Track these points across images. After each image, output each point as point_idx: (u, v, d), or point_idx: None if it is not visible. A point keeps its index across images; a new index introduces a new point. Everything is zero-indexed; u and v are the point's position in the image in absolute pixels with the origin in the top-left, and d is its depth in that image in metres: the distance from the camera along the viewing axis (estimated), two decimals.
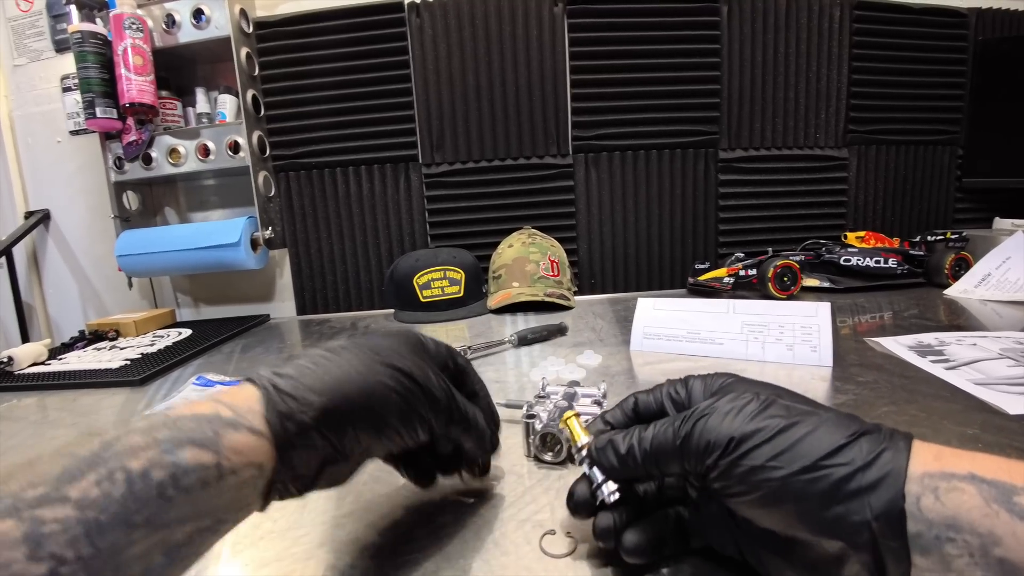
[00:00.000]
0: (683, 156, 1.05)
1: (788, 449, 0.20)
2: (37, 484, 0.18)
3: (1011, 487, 0.18)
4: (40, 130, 1.10)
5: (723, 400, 0.23)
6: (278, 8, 1.04)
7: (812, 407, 0.23)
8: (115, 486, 0.18)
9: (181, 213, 1.12)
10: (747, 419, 0.22)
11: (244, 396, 0.22)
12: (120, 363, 0.75)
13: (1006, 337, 0.60)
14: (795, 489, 0.20)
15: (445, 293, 0.90)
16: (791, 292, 0.85)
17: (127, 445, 0.19)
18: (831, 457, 0.20)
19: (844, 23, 1.04)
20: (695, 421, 0.23)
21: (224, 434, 0.20)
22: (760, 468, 0.21)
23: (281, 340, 0.89)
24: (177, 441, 0.20)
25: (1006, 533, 0.17)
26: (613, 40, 1.00)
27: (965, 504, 0.18)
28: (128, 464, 0.19)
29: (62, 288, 1.16)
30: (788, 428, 0.21)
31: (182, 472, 0.19)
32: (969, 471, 0.19)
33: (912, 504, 0.19)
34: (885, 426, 0.21)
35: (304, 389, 0.23)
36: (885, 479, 0.19)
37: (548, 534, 0.30)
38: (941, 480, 0.19)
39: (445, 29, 0.99)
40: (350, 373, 0.24)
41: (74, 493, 0.18)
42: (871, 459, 0.20)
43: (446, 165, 1.04)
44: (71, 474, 0.18)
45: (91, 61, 0.91)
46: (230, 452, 0.20)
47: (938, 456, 0.20)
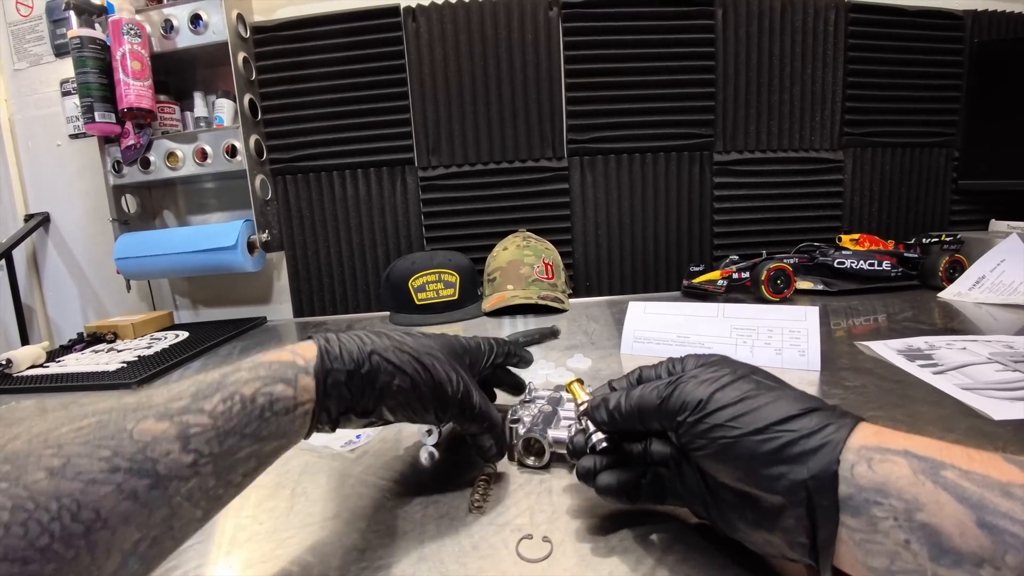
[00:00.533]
0: (678, 159, 1.05)
1: (746, 414, 0.24)
2: (178, 399, 0.24)
3: (940, 463, 0.20)
4: (40, 134, 1.11)
5: (702, 370, 0.27)
6: (275, 13, 1.05)
7: (780, 385, 0.26)
8: (234, 405, 0.25)
9: (179, 216, 1.13)
10: (717, 387, 0.25)
11: (309, 350, 0.29)
12: (117, 365, 0.75)
13: (996, 341, 0.60)
14: (747, 447, 0.23)
15: (440, 296, 0.91)
16: (784, 295, 0.85)
17: (240, 378, 0.26)
18: (782, 424, 0.23)
19: (839, 25, 1.04)
20: (675, 386, 0.26)
21: (299, 377, 0.28)
22: (720, 427, 0.24)
23: (279, 342, 0.90)
24: (273, 378, 0.27)
25: (929, 500, 0.20)
26: (608, 44, 1.01)
27: (894, 473, 0.20)
28: (242, 390, 0.26)
29: (61, 290, 1.17)
30: (750, 398, 0.24)
31: (275, 399, 0.26)
32: (904, 447, 0.21)
33: (846, 470, 0.21)
34: (840, 407, 0.24)
35: (344, 353, 0.30)
36: (824, 446, 0.22)
37: (525, 538, 0.30)
38: (876, 452, 0.21)
39: (441, 33, 1.00)
40: (380, 351, 0.31)
41: (207, 406, 0.25)
42: (816, 429, 0.22)
43: (442, 168, 1.05)
44: (203, 393, 0.25)
45: (90, 66, 0.92)
46: (301, 390, 0.27)
47: (878, 433, 0.22)
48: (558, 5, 1.00)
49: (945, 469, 0.20)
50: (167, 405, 0.24)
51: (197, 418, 0.24)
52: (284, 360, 0.28)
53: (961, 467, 0.20)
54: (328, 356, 0.29)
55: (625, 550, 0.29)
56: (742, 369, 0.27)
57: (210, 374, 0.27)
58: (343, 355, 0.29)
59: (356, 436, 0.45)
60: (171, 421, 0.23)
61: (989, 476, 0.19)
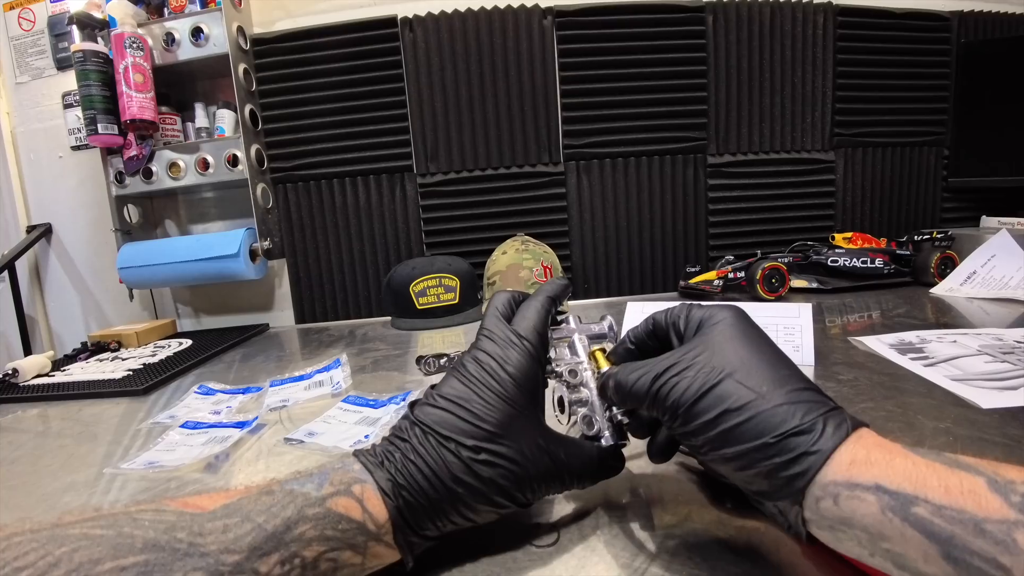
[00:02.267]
0: (672, 162, 1.07)
1: (722, 434, 0.24)
2: (233, 551, 0.22)
3: (912, 497, 0.20)
4: (42, 146, 1.13)
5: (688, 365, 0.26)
6: (275, 25, 1.06)
7: (764, 387, 0.25)
8: (293, 570, 0.23)
9: (181, 225, 1.14)
10: (697, 394, 0.25)
11: (379, 509, 0.26)
12: (123, 373, 0.76)
13: (986, 334, 0.61)
14: (726, 464, 0.25)
15: (441, 300, 0.92)
16: (779, 293, 0.86)
17: (303, 534, 0.24)
18: (758, 451, 0.23)
19: (828, 29, 1.06)
20: (660, 385, 0.27)
21: (370, 545, 0.25)
22: (700, 445, 0.26)
23: (280, 349, 0.91)
24: (340, 543, 0.24)
25: (894, 534, 0.20)
26: (601, 51, 1.02)
27: (860, 510, 0.21)
28: (304, 553, 0.23)
29: (64, 301, 1.18)
30: (728, 414, 0.24)
31: (340, 566, 0.25)
32: (876, 482, 0.21)
33: (811, 504, 0.22)
34: (826, 418, 0.23)
35: (421, 512, 0.27)
36: (794, 480, 0.23)
37: (533, 525, 0.31)
38: (844, 488, 0.21)
39: (438, 43, 1.02)
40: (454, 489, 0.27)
41: (263, 568, 0.22)
42: (789, 459, 0.23)
43: (440, 175, 1.06)
44: (261, 550, 0.22)
45: (93, 79, 0.93)
46: (372, 557, 0.26)
47: (852, 464, 0.22)
48: (552, 14, 1.02)
49: (916, 505, 0.20)
50: (219, 557, 0.22)
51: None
52: (354, 519, 0.25)
53: (935, 501, 0.19)
54: (404, 518, 0.26)
55: (629, 536, 0.30)
56: (731, 363, 0.26)
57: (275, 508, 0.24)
58: (417, 511, 0.26)
59: (364, 436, 0.47)
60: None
61: (964, 511, 0.19)
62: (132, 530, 0.21)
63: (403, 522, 0.26)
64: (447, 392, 0.28)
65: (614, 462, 0.32)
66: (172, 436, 0.51)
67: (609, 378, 0.30)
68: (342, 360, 0.69)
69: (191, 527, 0.22)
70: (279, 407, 0.57)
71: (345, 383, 0.62)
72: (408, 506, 0.26)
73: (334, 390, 0.60)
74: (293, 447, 0.47)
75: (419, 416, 0.28)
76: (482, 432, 0.27)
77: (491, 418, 0.27)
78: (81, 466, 0.48)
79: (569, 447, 0.30)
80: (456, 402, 0.28)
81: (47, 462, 0.50)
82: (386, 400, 0.54)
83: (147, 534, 0.21)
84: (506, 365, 0.29)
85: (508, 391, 0.28)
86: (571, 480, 0.30)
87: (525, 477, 0.28)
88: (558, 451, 0.29)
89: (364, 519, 0.25)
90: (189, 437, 0.51)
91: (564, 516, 0.32)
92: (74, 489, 0.44)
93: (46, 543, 0.20)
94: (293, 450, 0.46)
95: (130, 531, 0.21)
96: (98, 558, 0.20)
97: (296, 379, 0.65)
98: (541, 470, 0.28)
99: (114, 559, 0.20)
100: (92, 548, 0.20)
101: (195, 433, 0.51)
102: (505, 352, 0.29)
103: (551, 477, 0.29)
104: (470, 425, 0.27)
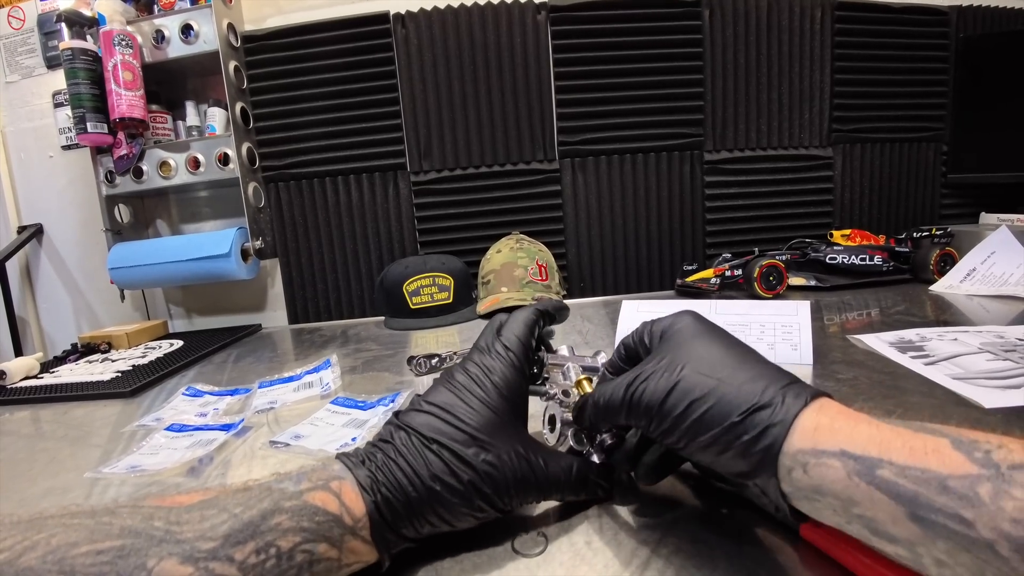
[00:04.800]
0: (668, 159, 1.06)
1: (693, 424, 0.25)
2: (209, 538, 0.22)
3: (876, 460, 0.20)
4: (32, 145, 1.11)
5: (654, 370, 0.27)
6: (266, 22, 1.05)
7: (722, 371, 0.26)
8: (268, 559, 0.23)
9: (172, 225, 1.13)
10: (664, 392, 0.26)
11: (356, 503, 0.26)
12: (112, 375, 0.75)
13: (987, 331, 0.60)
14: (705, 453, 0.25)
15: (435, 299, 0.91)
16: (777, 291, 0.85)
17: (279, 524, 0.24)
18: (727, 432, 0.24)
19: (825, 24, 1.05)
20: (631, 392, 0.27)
21: (347, 539, 0.25)
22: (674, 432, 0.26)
23: (273, 349, 0.90)
24: (315, 534, 0.24)
25: (863, 498, 0.20)
26: (596, 46, 1.01)
27: (828, 477, 0.21)
28: (279, 543, 0.23)
29: (55, 301, 1.17)
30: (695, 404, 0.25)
31: (316, 560, 0.24)
32: (841, 448, 0.21)
33: (785, 476, 0.23)
34: (784, 387, 0.24)
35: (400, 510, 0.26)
36: (764, 456, 0.23)
37: (521, 532, 0.30)
38: (811, 456, 0.22)
39: (430, 39, 1.01)
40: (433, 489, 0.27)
41: (238, 556, 0.22)
42: (756, 434, 0.23)
43: (434, 173, 1.05)
44: (236, 538, 0.23)
45: (82, 77, 0.92)
46: (348, 552, 0.25)
47: (816, 430, 0.22)
48: (546, 9, 1.01)
49: (881, 468, 0.20)
50: (195, 544, 0.22)
51: (224, 567, 0.22)
52: (330, 511, 0.25)
53: (898, 462, 0.20)
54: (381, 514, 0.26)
55: (620, 543, 0.29)
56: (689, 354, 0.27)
57: (251, 500, 0.24)
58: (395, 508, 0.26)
59: (352, 439, 0.45)
60: (196, 567, 0.21)
61: (928, 469, 0.19)
62: (110, 519, 0.22)
63: (380, 519, 0.26)
64: (434, 399, 0.30)
65: (600, 480, 0.32)
66: (156, 439, 0.50)
67: (586, 401, 0.31)
68: (332, 361, 0.68)
69: (168, 517, 0.23)
70: (266, 409, 0.56)
71: (335, 384, 0.61)
72: (386, 503, 0.26)
73: (323, 391, 0.59)
74: (279, 450, 0.46)
75: (404, 420, 0.29)
76: (465, 436, 0.28)
77: (474, 423, 0.28)
78: (62, 470, 0.47)
79: (549, 456, 0.30)
80: (442, 407, 0.29)
81: (29, 466, 0.49)
82: (375, 402, 0.53)
83: (124, 522, 0.22)
84: (491, 375, 0.30)
85: (492, 398, 0.29)
86: (549, 488, 0.30)
87: (504, 482, 0.28)
88: (538, 459, 0.29)
89: (341, 512, 0.25)
90: (173, 440, 0.49)
91: (552, 524, 0.31)
92: (53, 494, 0.43)
93: (25, 530, 0.21)
94: (278, 453, 0.45)
95: (108, 520, 0.22)
96: (75, 541, 0.20)
97: (285, 380, 0.64)
98: (520, 476, 0.28)
99: (91, 543, 0.21)
100: (69, 533, 0.21)
101: (180, 436, 0.50)
102: (491, 363, 0.31)
103: (529, 484, 0.29)
104: (454, 428, 0.28)
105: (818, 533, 0.26)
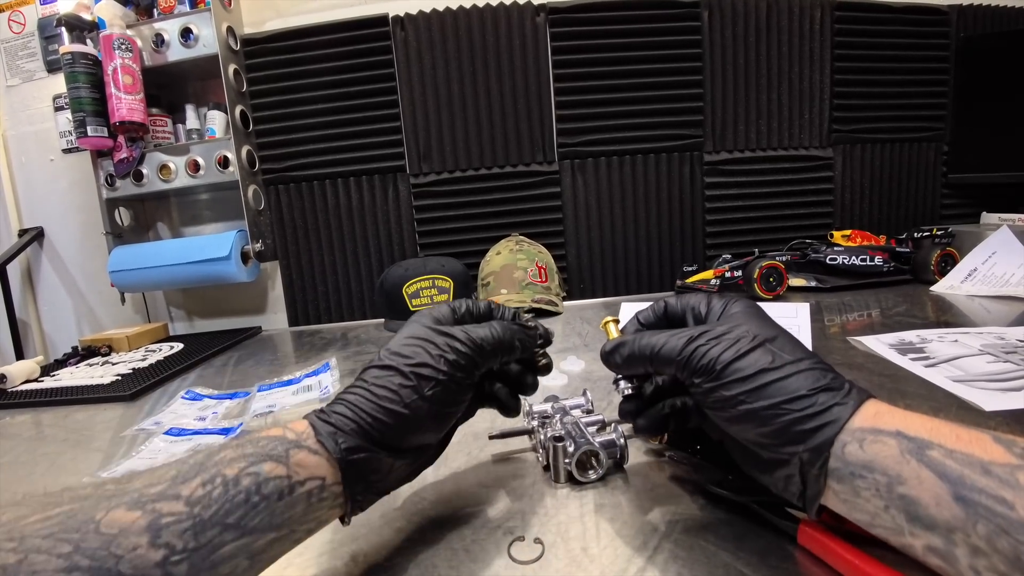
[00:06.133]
0: (668, 160, 1.05)
1: (760, 387, 0.26)
2: (156, 483, 0.22)
3: (927, 442, 0.22)
4: (33, 149, 1.12)
5: (724, 333, 0.28)
6: (265, 25, 1.05)
7: (797, 355, 0.27)
8: (215, 488, 0.22)
9: (173, 228, 1.13)
10: (735, 354, 0.27)
11: (300, 424, 0.27)
12: (112, 378, 0.75)
13: (988, 333, 0.60)
14: (756, 418, 0.26)
15: (434, 302, 0.91)
16: (777, 292, 0.85)
17: (224, 457, 0.24)
18: (791, 403, 0.25)
19: (825, 24, 1.05)
20: (696, 347, 0.28)
21: (291, 452, 0.25)
22: (732, 398, 0.26)
23: (273, 352, 0.90)
24: (259, 456, 0.24)
25: (911, 476, 0.22)
26: (595, 48, 1.01)
27: (882, 453, 0.23)
28: (224, 471, 0.23)
29: (56, 304, 1.17)
30: (767, 370, 0.26)
31: (263, 481, 0.23)
32: (897, 428, 0.23)
33: (838, 448, 0.24)
34: (850, 383, 0.26)
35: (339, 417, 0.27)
36: (825, 427, 0.24)
37: (517, 540, 0.30)
38: (869, 433, 0.23)
39: (429, 41, 1.01)
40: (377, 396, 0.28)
41: (185, 491, 0.22)
42: (821, 410, 0.24)
43: (433, 175, 1.05)
44: (183, 476, 0.22)
45: (82, 81, 0.92)
46: (296, 467, 0.24)
47: (876, 415, 0.24)
48: (544, 11, 1.00)
49: (931, 449, 0.22)
50: (143, 491, 0.21)
51: (171, 506, 0.21)
52: (273, 435, 0.25)
53: (947, 446, 0.21)
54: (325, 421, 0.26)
55: (616, 550, 0.29)
56: (764, 332, 0.28)
57: (199, 453, 0.24)
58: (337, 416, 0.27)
59: None
60: (143, 510, 0.21)
61: (973, 455, 0.21)
62: (63, 493, 0.22)
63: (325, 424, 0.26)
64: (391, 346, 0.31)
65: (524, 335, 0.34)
66: (155, 443, 0.50)
67: (623, 343, 0.31)
68: (331, 364, 0.68)
69: (119, 482, 0.23)
70: (265, 413, 0.56)
71: (333, 388, 0.61)
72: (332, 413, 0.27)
73: (322, 395, 0.59)
74: None
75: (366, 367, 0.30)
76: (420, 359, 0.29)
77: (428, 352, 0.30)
78: (63, 474, 0.47)
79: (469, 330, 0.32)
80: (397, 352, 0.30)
81: (30, 470, 0.49)
82: None
83: (77, 493, 0.22)
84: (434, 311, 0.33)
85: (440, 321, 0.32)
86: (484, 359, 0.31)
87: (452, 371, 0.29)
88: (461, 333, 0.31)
89: (283, 432, 0.26)
90: (172, 444, 0.49)
91: (548, 530, 0.31)
92: None
93: None
94: None
95: (60, 494, 0.22)
96: (25, 515, 0.20)
97: (284, 384, 0.64)
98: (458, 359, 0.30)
99: (41, 512, 0.20)
100: (20, 509, 0.21)
101: (179, 440, 0.50)
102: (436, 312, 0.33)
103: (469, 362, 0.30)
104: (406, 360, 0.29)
105: (815, 539, 0.26)
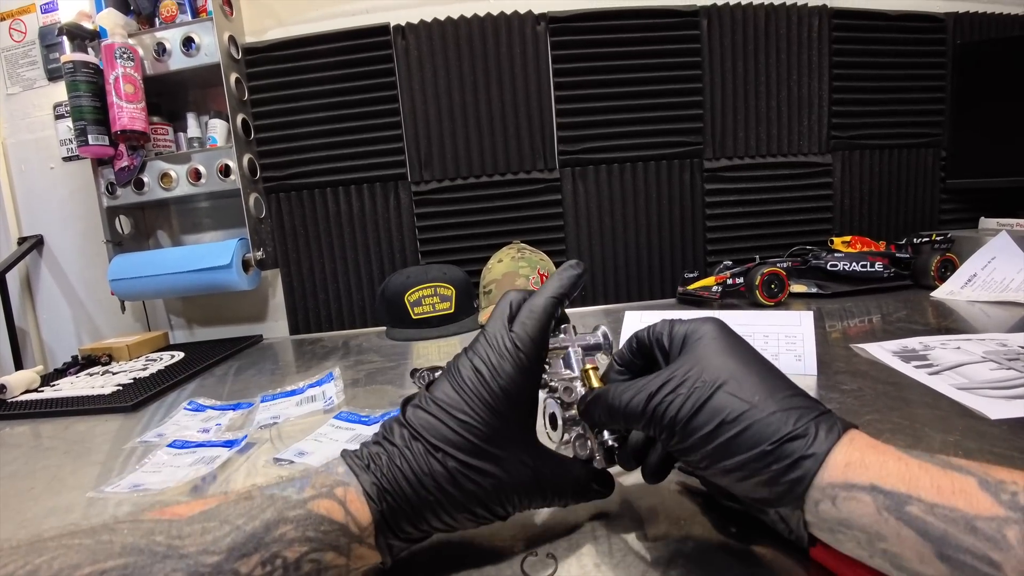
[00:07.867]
0: (668, 167, 1.06)
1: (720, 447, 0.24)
2: (212, 552, 0.22)
3: (906, 496, 0.20)
4: (33, 157, 1.11)
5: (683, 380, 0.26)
6: (266, 34, 1.06)
7: (760, 394, 0.25)
8: (275, 570, 0.22)
9: (174, 236, 1.13)
10: (692, 408, 0.25)
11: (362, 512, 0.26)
12: (112, 388, 0.75)
13: (990, 339, 0.60)
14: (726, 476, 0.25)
15: (436, 310, 0.91)
16: (779, 299, 0.85)
17: (284, 535, 0.23)
18: (756, 461, 0.23)
19: (823, 32, 1.05)
20: (654, 405, 0.26)
21: (354, 547, 0.25)
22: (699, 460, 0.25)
23: (275, 361, 0.89)
24: (322, 544, 0.24)
25: (891, 534, 0.20)
26: (595, 56, 1.02)
27: (857, 511, 0.21)
28: (285, 553, 0.23)
29: (56, 313, 1.16)
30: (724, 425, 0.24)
31: (324, 568, 0.24)
32: (871, 482, 0.21)
33: (811, 507, 0.23)
34: (819, 419, 0.24)
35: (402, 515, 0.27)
36: (793, 486, 0.23)
37: (530, 555, 0.30)
38: (842, 490, 0.22)
39: (430, 50, 1.01)
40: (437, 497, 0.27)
41: (244, 568, 0.22)
42: (787, 465, 0.23)
43: (435, 183, 1.05)
44: (240, 551, 0.22)
45: (83, 90, 0.92)
46: (356, 559, 0.26)
47: (848, 465, 0.22)
48: (545, 19, 1.01)
49: (910, 504, 0.20)
50: (198, 558, 0.21)
51: None
52: (336, 520, 0.25)
53: (927, 500, 0.20)
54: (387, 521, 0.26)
55: (629, 566, 0.29)
56: (725, 370, 0.26)
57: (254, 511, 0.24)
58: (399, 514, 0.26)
59: None
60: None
61: (956, 509, 0.19)
62: (111, 537, 0.21)
63: (384, 525, 0.26)
64: (439, 397, 0.28)
65: (600, 487, 0.32)
66: (159, 456, 0.50)
67: (597, 398, 0.30)
68: (335, 374, 0.68)
69: (169, 531, 0.22)
70: (270, 424, 0.56)
71: (337, 398, 0.61)
72: (391, 510, 0.26)
73: (326, 405, 0.59)
74: (282, 467, 0.45)
75: (410, 419, 0.28)
76: (470, 445, 0.27)
77: (480, 431, 0.27)
78: (64, 488, 0.47)
79: (556, 466, 0.30)
80: (447, 410, 0.28)
81: (30, 483, 0.49)
82: (378, 416, 0.53)
83: (126, 539, 0.21)
84: (499, 378, 0.28)
85: (499, 404, 0.28)
86: (553, 497, 0.30)
87: (507, 492, 0.28)
88: (544, 469, 0.29)
89: (346, 521, 0.25)
90: (176, 457, 0.49)
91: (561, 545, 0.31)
92: (56, 513, 0.42)
93: (26, 554, 0.20)
94: (282, 471, 0.45)
95: (109, 538, 0.21)
96: (77, 563, 0.20)
97: (288, 394, 0.63)
98: (524, 486, 0.28)
99: (93, 563, 0.20)
100: (71, 555, 0.20)
101: (182, 453, 0.50)
102: (500, 363, 0.28)
103: (533, 493, 0.29)
104: (459, 436, 0.27)
105: (828, 554, 0.26)
